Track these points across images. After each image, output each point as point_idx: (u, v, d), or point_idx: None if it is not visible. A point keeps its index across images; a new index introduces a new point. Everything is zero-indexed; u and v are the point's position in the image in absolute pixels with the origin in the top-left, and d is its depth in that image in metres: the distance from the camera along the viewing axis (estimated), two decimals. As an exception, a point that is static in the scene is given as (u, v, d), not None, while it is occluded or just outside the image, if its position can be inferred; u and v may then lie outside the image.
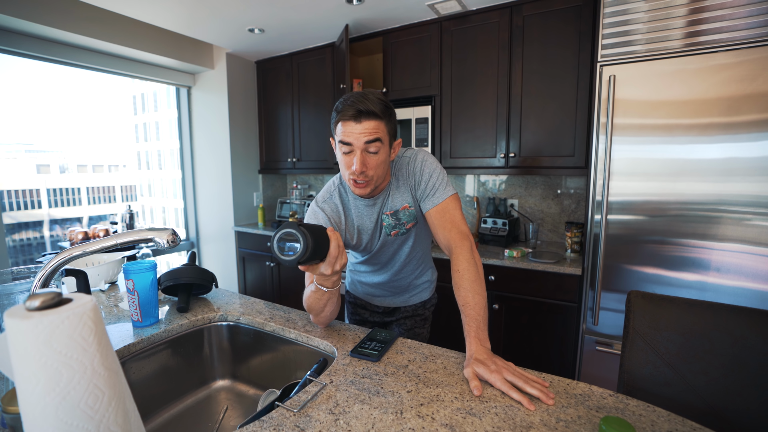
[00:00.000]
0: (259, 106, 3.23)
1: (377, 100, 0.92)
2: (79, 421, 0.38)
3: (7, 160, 3.69)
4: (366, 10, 2.19)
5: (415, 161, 1.05)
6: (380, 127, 0.92)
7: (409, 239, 1.13)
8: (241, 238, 3.12)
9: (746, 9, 1.36)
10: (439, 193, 1.02)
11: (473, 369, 0.76)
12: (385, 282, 1.23)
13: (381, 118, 0.92)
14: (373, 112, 0.90)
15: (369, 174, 0.94)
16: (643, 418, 0.64)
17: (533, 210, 2.41)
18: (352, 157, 0.93)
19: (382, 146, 0.94)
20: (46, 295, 0.38)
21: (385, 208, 1.08)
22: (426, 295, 1.30)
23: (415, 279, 1.25)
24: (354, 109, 0.90)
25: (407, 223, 1.08)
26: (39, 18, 2.05)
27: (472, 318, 0.85)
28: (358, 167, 0.92)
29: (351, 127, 0.91)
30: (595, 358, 1.74)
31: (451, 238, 0.97)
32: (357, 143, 0.91)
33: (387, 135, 0.95)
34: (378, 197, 1.07)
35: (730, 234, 1.44)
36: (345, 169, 0.97)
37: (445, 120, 2.31)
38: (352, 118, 0.90)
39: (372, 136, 0.91)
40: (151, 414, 0.96)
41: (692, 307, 0.86)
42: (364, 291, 1.30)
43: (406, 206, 1.06)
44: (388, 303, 1.28)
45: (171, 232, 0.78)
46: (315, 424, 0.64)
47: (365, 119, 0.90)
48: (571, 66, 1.94)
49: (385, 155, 0.96)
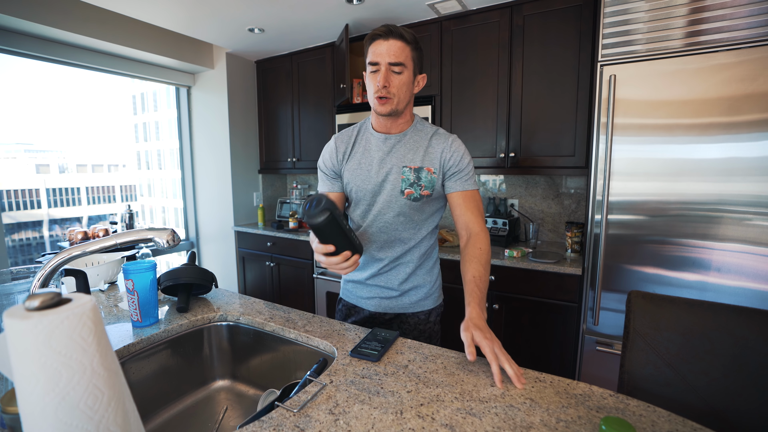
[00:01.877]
0: (259, 106, 3.23)
1: (407, 30, 1.01)
2: (78, 422, 0.38)
3: (7, 160, 3.69)
4: (366, 9, 2.19)
5: (455, 141, 1.09)
6: (406, 50, 0.99)
7: (418, 213, 1.09)
8: (241, 238, 3.12)
9: (746, 9, 1.36)
10: (471, 181, 1.08)
11: (471, 333, 0.81)
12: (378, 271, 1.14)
13: (408, 43, 0.99)
14: (401, 34, 0.98)
15: (392, 91, 1.00)
16: (643, 419, 0.64)
17: (533, 210, 2.41)
18: (377, 76, 1.00)
19: (406, 69, 1.00)
20: (46, 295, 0.38)
21: (398, 153, 1.08)
22: (429, 304, 1.18)
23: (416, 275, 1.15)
24: (385, 27, 0.99)
25: (424, 187, 1.06)
26: (39, 18, 2.04)
27: (480, 289, 0.91)
28: (381, 81, 0.98)
29: (379, 45, 0.98)
30: (595, 358, 1.74)
31: (478, 222, 1.04)
32: (383, 61, 0.98)
33: (412, 61, 1.01)
34: (392, 136, 1.09)
35: (731, 234, 1.44)
36: (371, 88, 1.03)
37: (445, 120, 2.31)
38: (381, 36, 0.98)
39: (396, 58, 0.98)
40: (151, 414, 0.96)
41: (693, 307, 0.86)
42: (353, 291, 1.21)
43: (431, 170, 1.07)
44: (381, 308, 1.17)
45: (171, 232, 0.78)
46: (315, 424, 0.64)
47: (393, 38, 0.98)
48: (572, 66, 1.94)
49: (408, 78, 1.01)
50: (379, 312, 1.18)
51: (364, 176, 1.10)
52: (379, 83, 0.99)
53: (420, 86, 1.08)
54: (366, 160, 1.10)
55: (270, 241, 2.91)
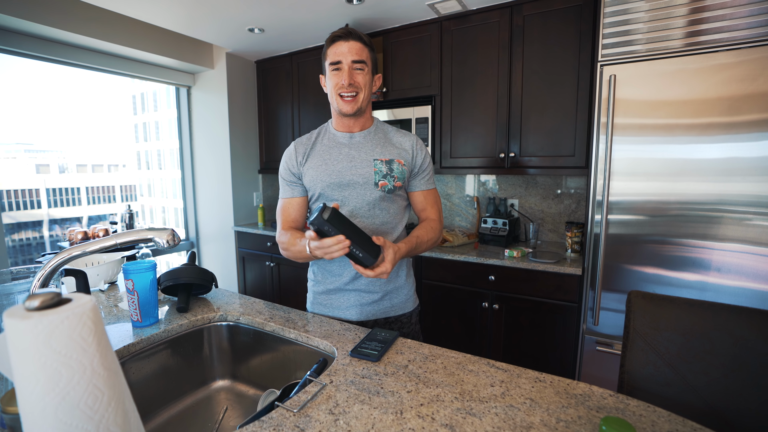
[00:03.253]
0: (259, 106, 3.23)
1: (362, 33, 1.07)
2: (78, 422, 0.38)
3: (7, 160, 3.69)
4: (366, 9, 2.19)
5: (418, 142, 1.15)
6: (365, 50, 1.05)
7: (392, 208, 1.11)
8: (241, 238, 3.12)
9: (746, 9, 1.36)
10: (432, 181, 1.18)
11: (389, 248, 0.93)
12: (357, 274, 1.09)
13: (366, 44, 1.06)
14: (360, 36, 1.05)
15: (357, 86, 1.04)
16: (643, 419, 0.64)
17: (533, 210, 2.41)
18: (341, 74, 1.04)
19: (367, 69, 1.06)
20: (46, 295, 0.38)
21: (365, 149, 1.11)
22: (410, 306, 1.18)
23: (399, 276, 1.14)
24: (344, 30, 1.05)
25: (397, 178, 1.09)
26: (39, 18, 2.04)
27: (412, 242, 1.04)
28: (346, 79, 1.03)
29: (340, 46, 1.03)
30: (595, 358, 1.74)
31: (435, 215, 1.16)
32: (345, 60, 1.03)
33: (370, 61, 1.07)
34: (355, 134, 1.12)
35: (731, 234, 1.44)
36: (332, 86, 1.06)
37: (445, 120, 2.31)
38: (342, 37, 1.03)
39: (358, 56, 1.04)
40: (151, 414, 0.96)
41: (692, 307, 0.86)
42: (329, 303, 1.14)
43: (402, 162, 1.11)
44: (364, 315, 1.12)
45: (171, 232, 0.78)
46: (315, 424, 0.64)
47: (353, 39, 1.04)
48: (572, 66, 1.94)
49: (369, 78, 1.07)
50: (362, 320, 1.12)
51: (329, 170, 1.08)
52: (344, 81, 1.03)
53: (377, 86, 1.12)
54: (330, 156, 1.10)
55: (270, 241, 2.91)
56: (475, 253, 2.07)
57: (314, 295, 1.19)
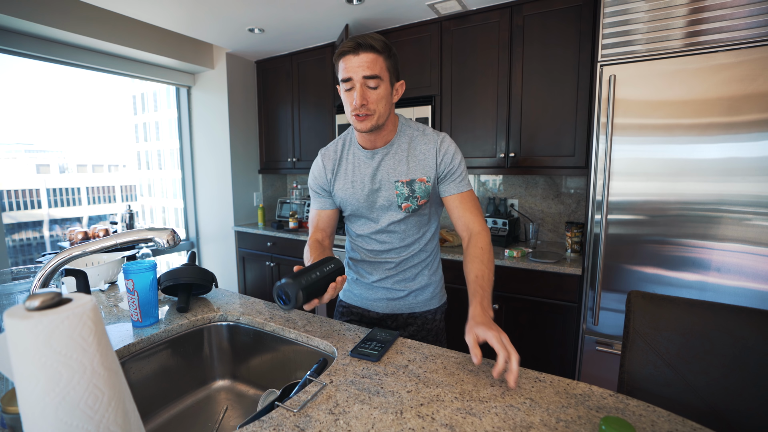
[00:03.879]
0: (259, 106, 3.23)
1: (377, 37, 0.94)
2: (78, 421, 0.38)
3: (7, 160, 3.69)
4: (366, 9, 2.19)
5: (445, 141, 1.05)
6: (378, 61, 0.93)
7: (420, 220, 1.09)
8: (241, 238, 3.12)
9: (746, 9, 1.36)
10: (465, 182, 1.05)
11: (475, 335, 0.77)
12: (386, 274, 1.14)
13: (380, 53, 0.93)
14: (371, 45, 0.92)
15: (370, 108, 0.95)
16: (643, 419, 0.64)
17: (533, 210, 2.41)
18: (353, 93, 0.94)
19: (382, 82, 0.95)
20: (46, 295, 0.38)
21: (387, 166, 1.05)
22: (435, 303, 1.19)
23: (422, 275, 1.15)
24: (353, 41, 0.92)
25: (420, 198, 1.05)
26: (39, 18, 2.04)
27: (483, 288, 0.89)
28: (358, 100, 0.93)
29: (349, 60, 0.93)
30: (595, 358, 1.74)
31: (479, 221, 1.03)
32: (356, 76, 0.93)
33: (386, 71, 0.95)
34: (378, 150, 1.05)
35: (731, 234, 1.44)
36: (347, 106, 0.98)
37: (445, 120, 2.31)
38: (350, 50, 0.92)
39: (370, 71, 0.92)
40: (151, 414, 0.96)
41: (692, 307, 0.86)
42: (360, 294, 1.20)
43: (424, 179, 1.04)
44: (390, 309, 1.17)
45: (171, 232, 0.78)
46: (315, 424, 0.64)
47: (363, 51, 0.92)
48: (572, 66, 1.94)
49: (385, 91, 0.96)
50: (387, 313, 1.18)
51: (357, 195, 1.08)
52: (356, 102, 0.93)
53: (399, 94, 1.03)
54: (357, 178, 1.08)
55: (270, 241, 2.91)
56: (475, 253, 2.07)
57: (347, 284, 1.24)
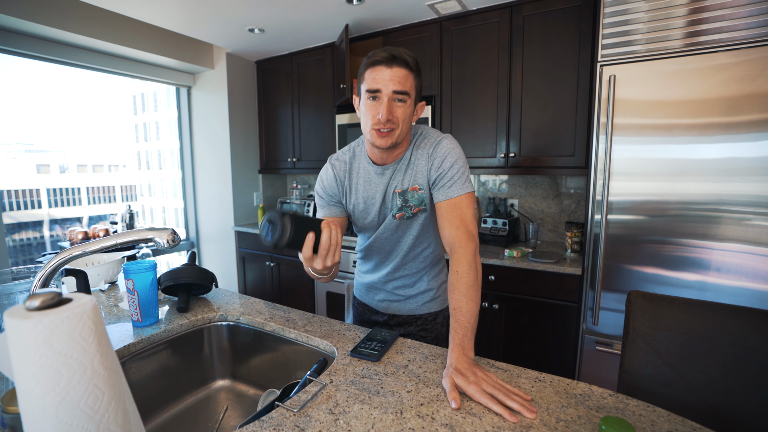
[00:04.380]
0: (259, 106, 3.23)
1: (410, 53, 0.91)
2: (78, 421, 0.38)
3: (7, 160, 3.69)
4: (366, 10, 2.19)
5: (440, 144, 0.98)
6: (409, 78, 0.90)
7: (413, 226, 1.06)
8: (241, 238, 3.12)
9: (746, 9, 1.36)
10: (456, 186, 0.95)
11: (452, 379, 0.72)
12: (388, 277, 1.15)
13: (412, 70, 0.90)
14: (405, 60, 0.89)
15: (395, 122, 0.91)
16: (643, 418, 0.64)
17: (533, 210, 2.41)
18: (378, 105, 0.90)
19: (409, 100, 0.91)
20: (46, 295, 0.38)
21: (395, 182, 1.01)
22: (437, 306, 1.18)
23: (423, 281, 1.15)
24: (387, 53, 0.88)
25: (414, 206, 1.01)
26: (39, 18, 2.04)
27: (461, 324, 0.80)
28: (384, 114, 0.88)
29: (381, 72, 0.88)
30: (595, 358, 1.74)
31: (457, 235, 0.91)
32: (385, 89, 0.88)
33: (414, 90, 0.92)
34: (388, 167, 1.01)
35: (731, 234, 1.44)
36: (369, 119, 0.92)
37: (445, 120, 2.31)
38: (383, 62, 0.88)
39: (401, 86, 0.89)
40: (151, 414, 0.96)
41: (692, 307, 0.86)
42: (370, 296, 1.23)
43: (416, 188, 1.00)
44: (393, 310, 1.18)
45: (171, 232, 0.78)
46: (315, 424, 0.64)
47: (396, 65, 0.88)
48: (571, 66, 1.94)
49: (410, 110, 0.93)
50: (389, 314, 1.20)
51: (369, 210, 1.07)
52: (381, 116, 0.88)
53: (418, 115, 0.99)
54: (368, 194, 1.05)
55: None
56: (475, 253, 2.07)
57: (357, 283, 1.28)
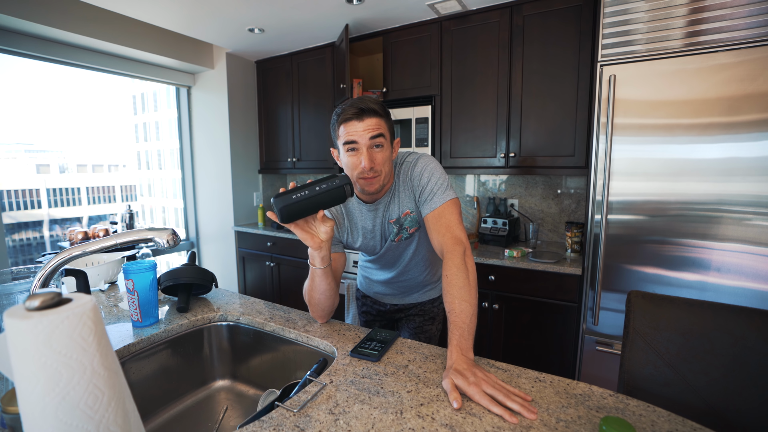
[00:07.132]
0: (259, 106, 3.23)
1: (375, 101, 0.97)
2: (78, 422, 0.38)
3: (7, 160, 3.69)
4: (366, 9, 2.19)
5: (415, 166, 1.04)
6: (381, 123, 0.96)
7: (413, 242, 1.14)
8: (241, 238, 3.12)
9: (746, 9, 1.36)
10: (437, 198, 1.00)
11: (452, 380, 0.72)
12: (392, 280, 1.25)
13: (381, 116, 0.96)
14: (374, 109, 0.95)
15: (378, 169, 0.96)
16: (643, 418, 0.64)
17: (533, 210, 2.41)
18: (358, 156, 0.95)
19: (386, 142, 0.97)
20: (46, 295, 0.38)
21: (388, 214, 1.08)
22: (435, 294, 1.31)
23: (423, 279, 1.26)
24: (355, 108, 0.94)
25: (410, 228, 1.09)
26: (39, 18, 2.04)
27: (457, 326, 0.81)
28: (366, 164, 0.93)
29: (354, 126, 0.94)
30: (595, 358, 1.74)
31: (444, 242, 0.95)
32: (362, 140, 0.94)
33: (388, 132, 0.98)
34: (379, 202, 1.07)
35: (731, 234, 1.44)
36: (352, 170, 0.97)
37: (445, 120, 2.31)
38: (354, 117, 0.94)
39: (376, 131, 0.94)
40: (151, 414, 0.96)
41: (692, 307, 0.86)
42: (374, 290, 1.33)
43: (408, 212, 1.07)
44: (397, 301, 1.31)
45: (171, 232, 0.78)
46: (315, 424, 0.64)
47: (367, 117, 0.94)
48: (572, 66, 1.94)
49: (388, 152, 0.99)
50: (394, 304, 1.31)
51: (374, 243, 1.14)
52: (364, 164, 0.93)
53: (396, 150, 1.05)
54: (367, 230, 1.11)
55: (270, 241, 2.91)
56: (475, 253, 2.07)
57: (361, 277, 1.38)
